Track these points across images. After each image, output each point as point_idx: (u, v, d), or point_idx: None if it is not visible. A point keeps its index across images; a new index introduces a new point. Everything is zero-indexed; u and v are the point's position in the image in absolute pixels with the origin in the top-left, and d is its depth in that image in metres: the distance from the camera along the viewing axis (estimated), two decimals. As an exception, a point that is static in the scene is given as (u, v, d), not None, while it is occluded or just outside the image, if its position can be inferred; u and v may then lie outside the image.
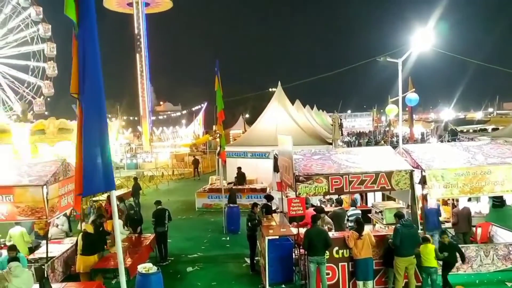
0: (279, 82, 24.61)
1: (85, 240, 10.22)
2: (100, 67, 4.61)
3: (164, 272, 9.76)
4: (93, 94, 4.58)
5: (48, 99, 54.01)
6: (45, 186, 9.47)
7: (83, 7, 4.61)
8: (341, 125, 29.54)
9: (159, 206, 13.32)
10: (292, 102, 27.50)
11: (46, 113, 52.94)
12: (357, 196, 15.07)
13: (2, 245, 10.99)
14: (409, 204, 10.89)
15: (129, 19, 56.33)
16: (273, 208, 14.01)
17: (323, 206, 13.93)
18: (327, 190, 10.28)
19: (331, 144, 21.65)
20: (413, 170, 10.39)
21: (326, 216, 11.52)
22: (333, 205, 13.87)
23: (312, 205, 13.27)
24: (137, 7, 54.57)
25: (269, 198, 14.55)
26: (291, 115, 23.31)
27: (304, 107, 39.67)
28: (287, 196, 12.28)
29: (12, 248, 8.87)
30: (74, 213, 15.05)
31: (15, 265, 7.72)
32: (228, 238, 15.30)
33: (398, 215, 9.92)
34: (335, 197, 13.03)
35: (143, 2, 55.09)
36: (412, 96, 16.13)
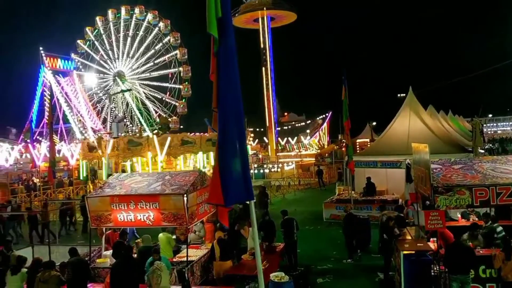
0: (410, 87, 23.35)
1: (221, 245, 10.77)
2: (238, 81, 4.81)
3: (294, 281, 9.76)
4: (233, 107, 4.78)
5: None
6: (185, 195, 10.19)
7: (222, 26, 4.87)
8: (481, 131, 26.85)
9: (286, 216, 13.42)
10: (425, 108, 25.80)
11: (181, 127, 57.86)
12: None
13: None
14: None
15: (255, 34, 58.88)
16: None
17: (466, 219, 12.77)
18: (470, 203, 9.32)
19: (471, 152, 19.79)
20: None
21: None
22: (476, 219, 12.64)
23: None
24: (263, 22, 56.81)
25: (401, 209, 13.90)
26: (424, 122, 21.87)
27: (438, 113, 36.93)
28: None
29: (156, 252, 9.69)
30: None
31: (159, 263, 8.96)
32: (358, 251, 14.78)
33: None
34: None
35: (269, 17, 57.17)
36: None
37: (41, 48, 55.11)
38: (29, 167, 43.94)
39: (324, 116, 65.51)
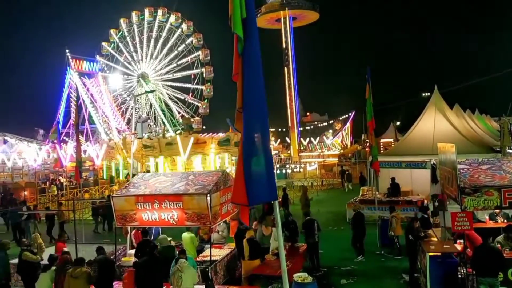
0: (435, 86, 22.89)
1: (250, 245, 10.84)
2: (263, 81, 4.83)
3: (317, 282, 9.69)
4: (257, 108, 4.81)
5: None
6: (208, 195, 10.25)
7: (247, 26, 4.89)
8: (510, 130, 26.14)
9: (308, 217, 13.36)
10: (450, 107, 25.28)
11: (204, 127, 58.25)
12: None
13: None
14: None
15: (276, 34, 58.77)
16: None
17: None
18: (499, 204, 9.11)
19: (499, 152, 19.29)
20: None
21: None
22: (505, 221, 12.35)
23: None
24: (285, 22, 56.68)
25: (425, 209, 13.69)
26: (450, 121, 21.41)
27: (464, 112, 36.12)
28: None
29: (182, 252, 9.78)
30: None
31: (183, 262, 9.01)
32: (382, 252, 14.62)
33: None
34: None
35: (291, 17, 56.98)
36: None
37: (67, 51, 56.37)
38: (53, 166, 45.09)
39: (347, 115, 64.83)
